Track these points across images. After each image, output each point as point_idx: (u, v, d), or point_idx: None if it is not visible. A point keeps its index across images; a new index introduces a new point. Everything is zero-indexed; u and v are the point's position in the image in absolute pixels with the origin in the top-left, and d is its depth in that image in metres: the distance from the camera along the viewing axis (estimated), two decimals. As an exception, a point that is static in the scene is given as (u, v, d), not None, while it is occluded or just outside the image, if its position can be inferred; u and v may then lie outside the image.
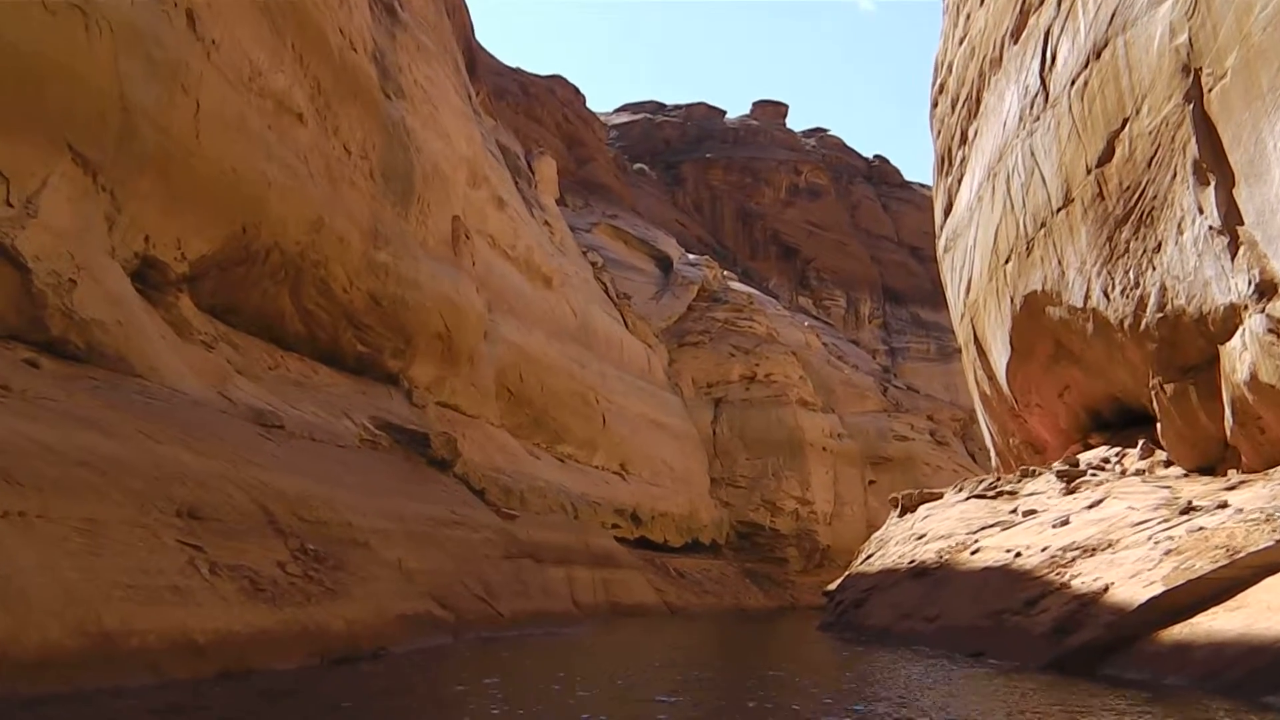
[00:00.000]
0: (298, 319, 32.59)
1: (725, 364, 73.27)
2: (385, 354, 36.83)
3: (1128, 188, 23.31)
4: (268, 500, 19.46)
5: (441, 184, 41.12)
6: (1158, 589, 16.60)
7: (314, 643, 16.52)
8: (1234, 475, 22.01)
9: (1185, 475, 24.29)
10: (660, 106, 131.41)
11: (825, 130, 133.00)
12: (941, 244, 41.52)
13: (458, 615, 24.17)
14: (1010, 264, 30.51)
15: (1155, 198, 22.30)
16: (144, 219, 24.06)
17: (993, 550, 24.17)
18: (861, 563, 34.85)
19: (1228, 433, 21.71)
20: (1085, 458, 28.59)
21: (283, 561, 17.87)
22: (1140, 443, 26.86)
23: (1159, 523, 19.83)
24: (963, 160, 37.19)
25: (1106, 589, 17.85)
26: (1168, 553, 17.89)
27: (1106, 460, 27.59)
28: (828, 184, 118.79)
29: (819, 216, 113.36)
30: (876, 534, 37.15)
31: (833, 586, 37.06)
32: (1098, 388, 29.11)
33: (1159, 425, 24.91)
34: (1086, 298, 25.85)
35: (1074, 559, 20.36)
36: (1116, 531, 20.61)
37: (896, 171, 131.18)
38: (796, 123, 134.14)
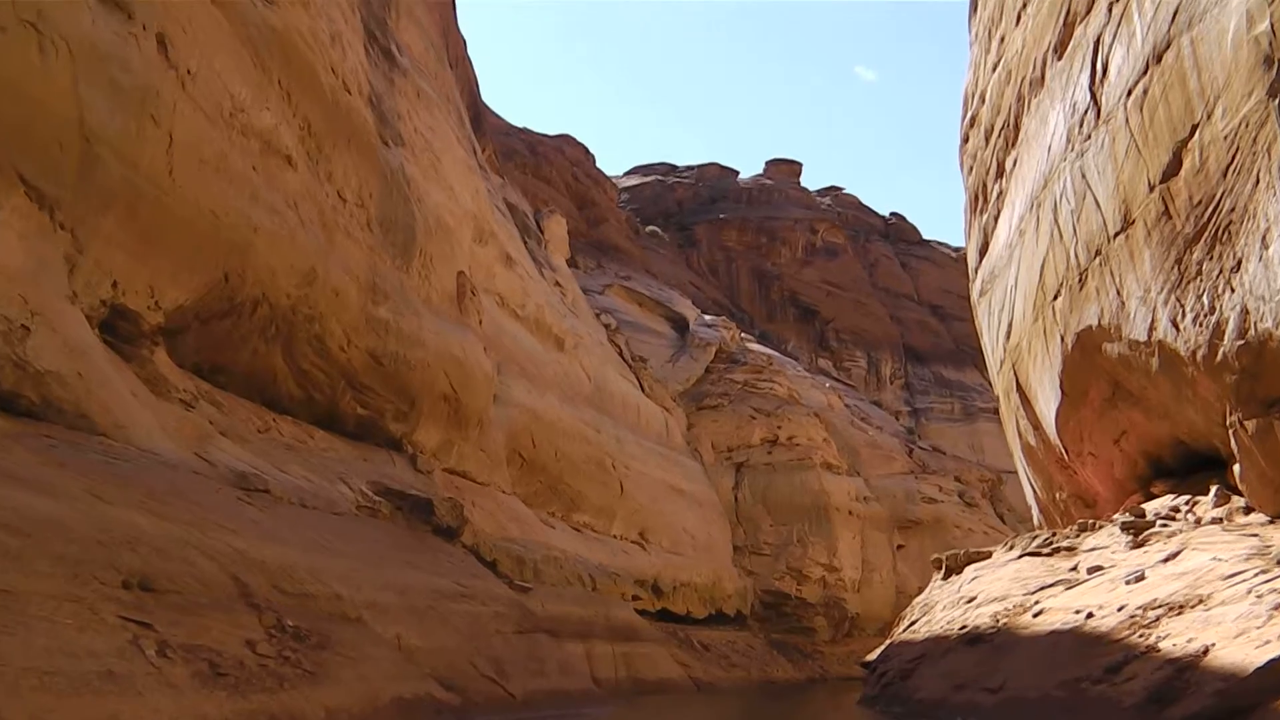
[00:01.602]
0: (292, 380, 30.45)
1: (746, 427, 70.88)
2: (387, 417, 34.50)
3: (1199, 202, 20.98)
4: (241, 570, 17.14)
5: (445, 237, 39.02)
6: (1276, 650, 14.13)
7: (287, 735, 14.06)
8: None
9: (1270, 522, 21.85)
10: (672, 168, 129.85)
11: (840, 189, 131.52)
12: (977, 288, 39.15)
13: (464, 698, 21.80)
14: (1060, 300, 28.13)
15: (1233, 210, 19.96)
16: (110, 262, 21.84)
17: (1058, 612, 21.81)
18: (905, 630, 32.24)
19: (1324, 472, 19.30)
20: (1151, 507, 26.09)
21: (253, 640, 15.44)
22: (1214, 488, 24.38)
23: (1255, 575, 17.48)
24: (999, 195, 34.91)
25: (1206, 651, 15.47)
26: (1276, 608, 15.48)
27: (1176, 509, 25.09)
28: (845, 243, 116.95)
29: (837, 276, 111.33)
30: (919, 599, 34.53)
31: (873, 656, 34.43)
32: (1161, 431, 26.64)
33: (1236, 468, 22.48)
34: (1151, 329, 23.41)
35: (1158, 618, 17.99)
36: (1205, 586, 18.26)
37: (914, 229, 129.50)
38: (810, 182, 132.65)
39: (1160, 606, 18.35)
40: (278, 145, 27.45)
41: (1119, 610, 19.30)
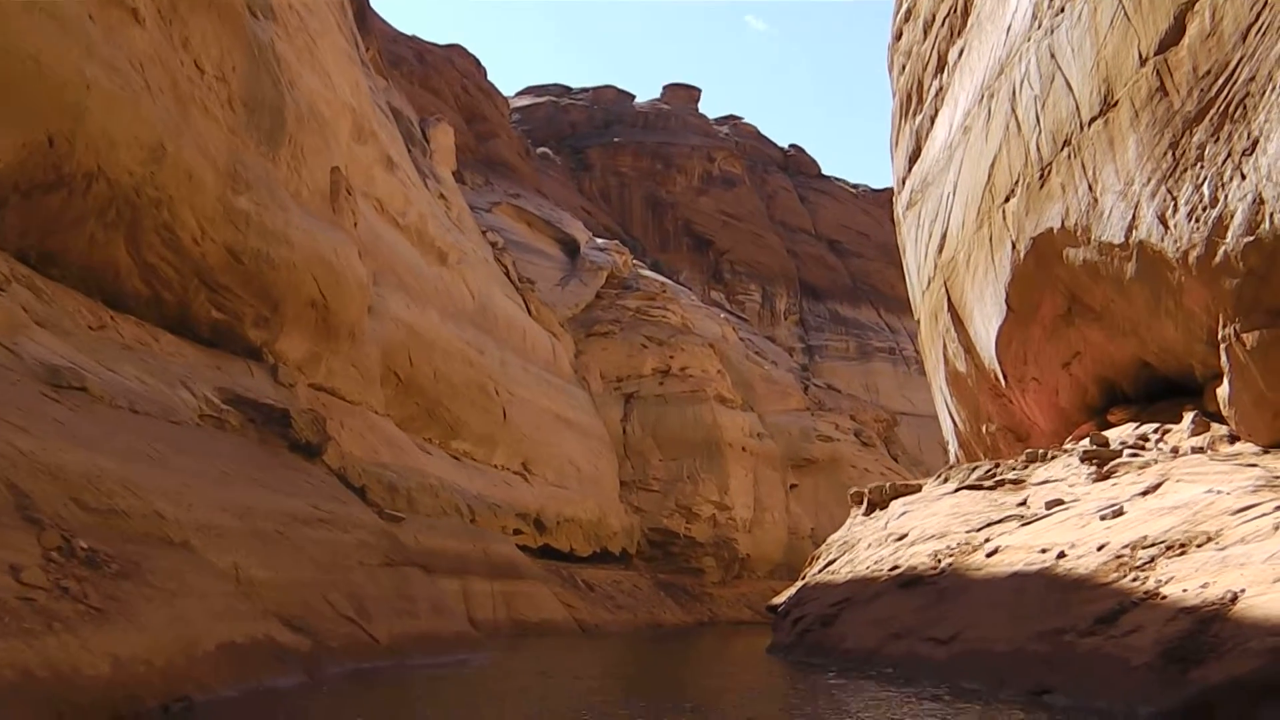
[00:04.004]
0: (137, 275, 26.38)
1: (637, 356, 67.65)
2: (246, 322, 30.39)
3: (1207, 73, 17.84)
4: (23, 476, 13.52)
5: (319, 128, 34.85)
6: (1349, 598, 11.36)
7: (48, 694, 10.30)
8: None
9: (1265, 451, 18.93)
10: (566, 89, 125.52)
11: (739, 118, 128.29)
12: (904, 199, 36.02)
13: (316, 641, 18.18)
14: (1014, 201, 24.96)
15: (1252, 79, 16.83)
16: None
17: (1019, 551, 18.95)
18: (820, 570, 29.09)
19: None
20: (1114, 435, 23.10)
21: (19, 566, 11.66)
22: (1189, 415, 21.43)
23: (1274, 509, 14.60)
24: (938, 92, 31.68)
25: (1235, 599, 12.66)
26: None
27: (1145, 438, 22.16)
28: (742, 173, 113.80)
29: (733, 206, 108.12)
30: (836, 535, 31.41)
31: (780, 600, 31.33)
32: (1123, 352, 23.68)
33: (1221, 391, 19.61)
34: (1130, 228, 20.29)
35: (1153, 559, 15.16)
36: (1209, 522, 15.43)
37: (814, 162, 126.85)
38: (708, 112, 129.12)
39: (1153, 545, 15.58)
40: (121, -5, 23.40)
41: (1099, 550, 16.54)
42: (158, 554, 15.05)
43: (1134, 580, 14.81)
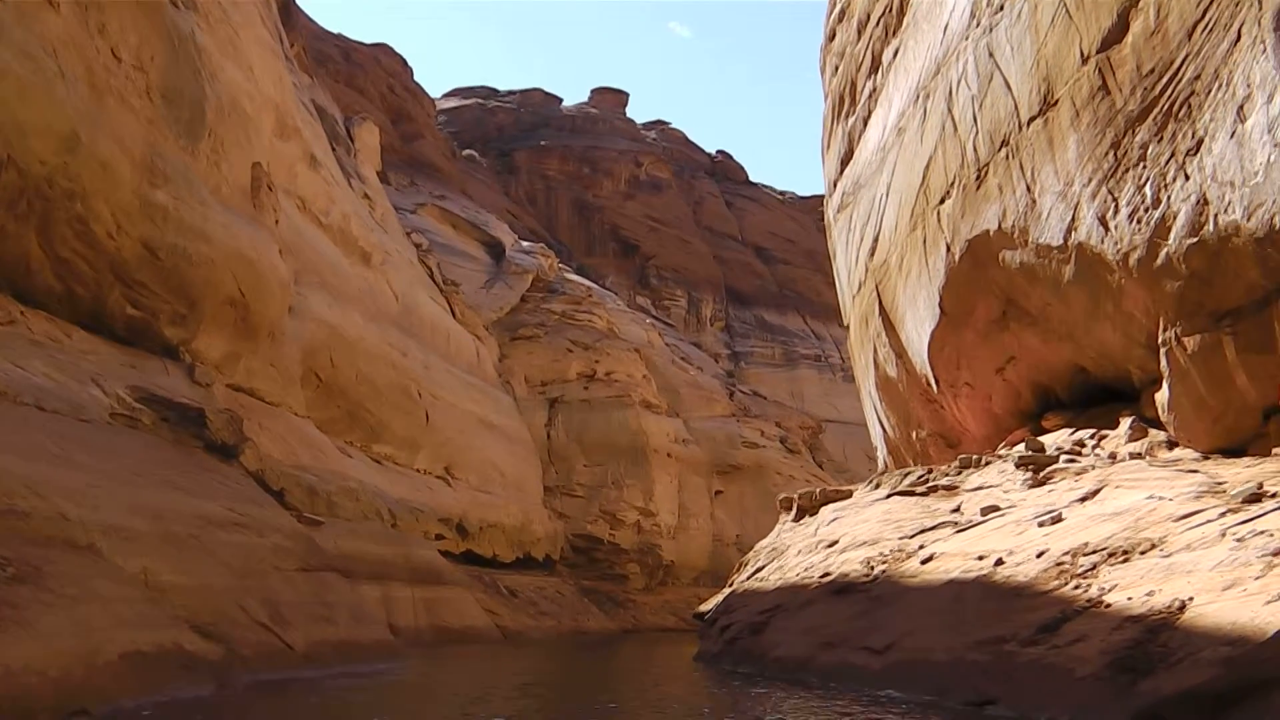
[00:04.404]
0: (49, 270, 25.51)
1: (562, 360, 67.13)
2: (163, 320, 29.43)
3: (1151, 71, 17.54)
4: None
5: (241, 122, 33.87)
6: (1299, 606, 11.13)
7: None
8: (1293, 455, 16.49)
9: (1205, 457, 18.64)
10: (493, 92, 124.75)
11: (667, 123, 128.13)
12: (835, 202, 35.61)
13: (228, 649, 17.48)
14: (949, 203, 24.61)
15: (1198, 78, 16.52)
16: None
17: (954, 558, 18.56)
18: (749, 577, 28.56)
19: (1293, 396, 16.03)
20: (1050, 441, 22.77)
21: (-98, 568, 10.83)
22: (1127, 420, 21.16)
23: (1221, 515, 14.41)
24: (872, 93, 31.30)
25: (1183, 607, 12.31)
26: (1275, 554, 12.41)
27: (1081, 444, 21.93)
28: (670, 178, 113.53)
29: (660, 211, 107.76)
30: (764, 542, 30.89)
31: (708, 607, 30.74)
32: (1059, 357, 23.42)
33: (1160, 396, 19.37)
34: (1070, 230, 20.00)
35: (1094, 566, 14.83)
36: (1152, 529, 15.11)
37: (741, 168, 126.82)
38: (636, 117, 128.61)
39: (1095, 552, 15.23)
40: (33, -24, 22.55)
41: (1038, 557, 16.18)
42: (61, 557, 14.31)
43: (1076, 588, 14.45)
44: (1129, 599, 13.22)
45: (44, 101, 23.06)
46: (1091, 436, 21.90)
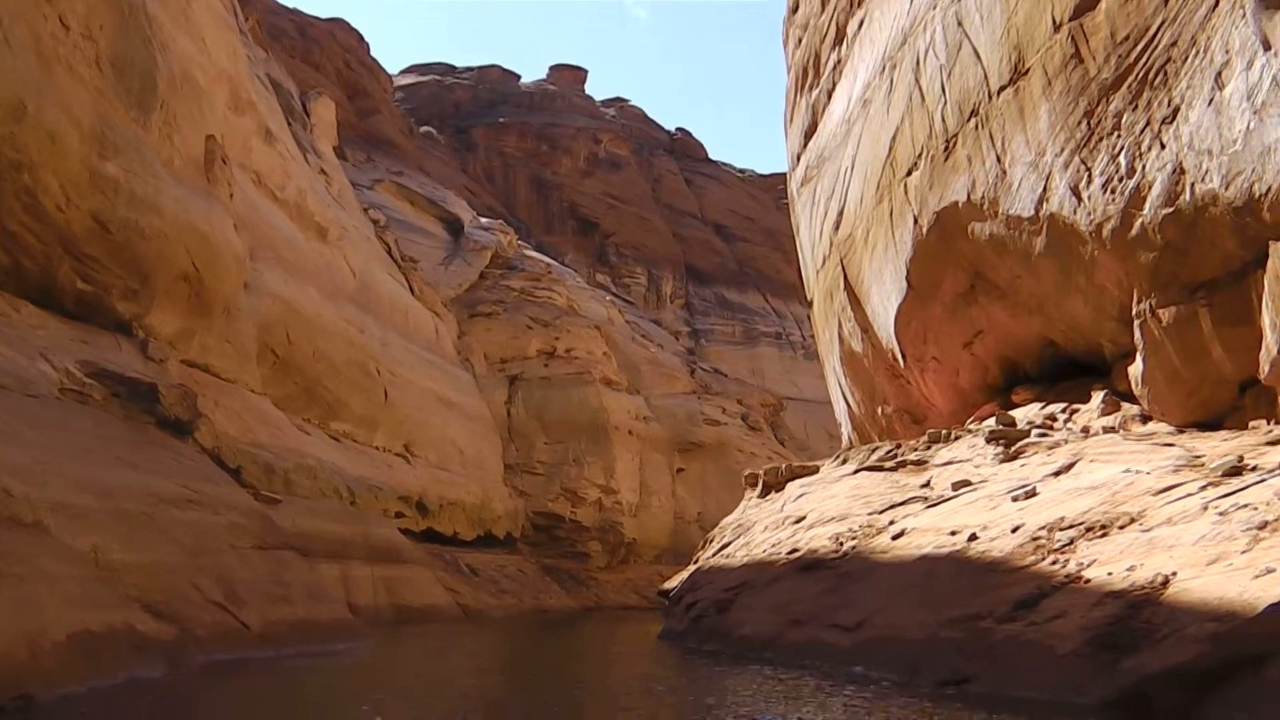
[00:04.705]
0: (-3, 243, 24.62)
1: (522, 337, 66.58)
2: (114, 295, 28.70)
3: (1125, 38, 17.23)
4: None
5: (194, 95, 33.12)
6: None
7: None
8: (1268, 427, 16.16)
9: (1179, 431, 18.41)
10: (450, 68, 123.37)
11: (626, 100, 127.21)
12: (798, 176, 35.23)
13: (181, 629, 16.99)
14: (916, 175, 24.28)
15: (1174, 45, 16.22)
16: None
17: (926, 533, 18.32)
18: (714, 554, 28.22)
19: (1266, 368, 15.76)
20: (1021, 415, 22.50)
21: None
22: (1099, 394, 20.91)
23: (1201, 489, 14.17)
24: (836, 65, 30.91)
25: (1166, 582, 12.10)
26: (1260, 527, 12.22)
27: (1053, 418, 21.67)
28: (629, 155, 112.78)
29: (619, 189, 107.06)
30: (730, 518, 30.58)
31: (672, 584, 30.49)
32: (1027, 330, 23.15)
33: (1134, 369, 19.12)
34: (1041, 201, 19.70)
35: (1071, 541, 14.60)
36: (1130, 503, 14.87)
37: (700, 145, 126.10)
38: (595, 95, 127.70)
39: (1072, 526, 14.98)
40: (-27, -63, 21.83)
41: (1013, 531, 15.95)
42: (4, 535, 13.80)
43: (1053, 563, 14.22)
44: (1109, 574, 12.99)
45: (-12, 69, 22.45)
46: (1063, 411, 21.66)
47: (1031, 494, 17.02)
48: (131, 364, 27.62)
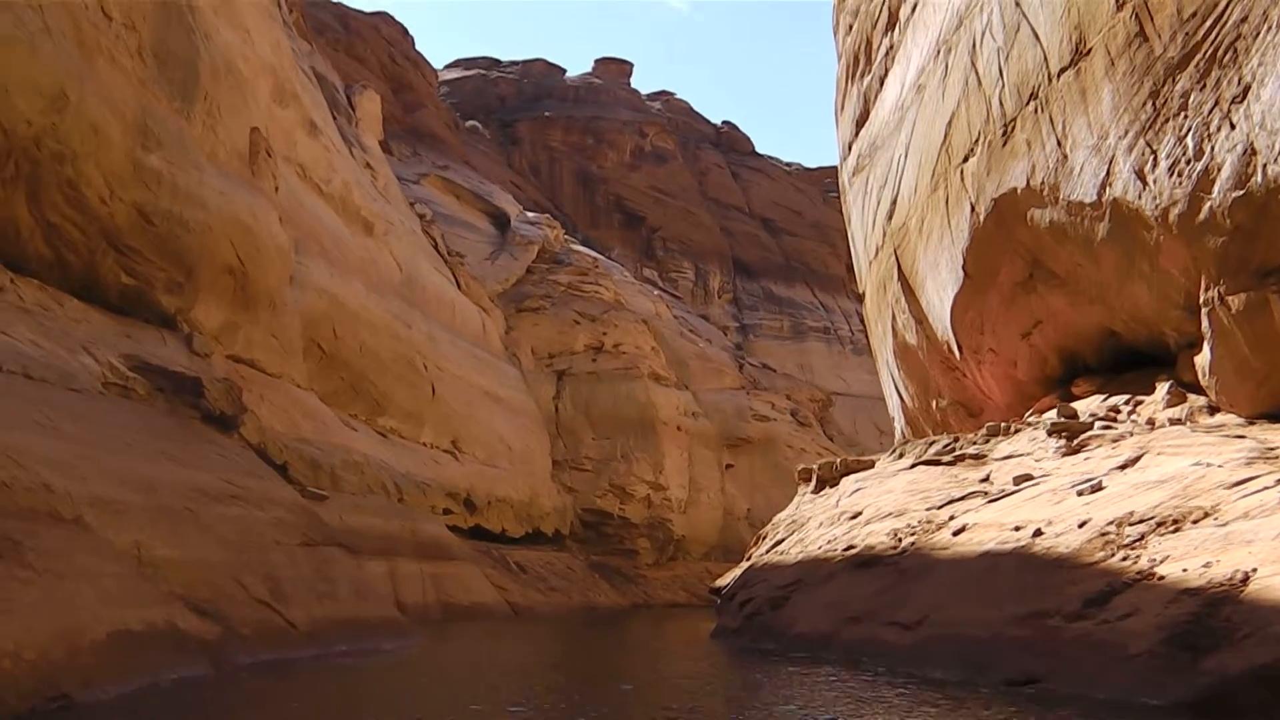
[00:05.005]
0: (40, 236, 24.52)
1: (569, 332, 66.19)
2: (158, 288, 28.48)
3: (1193, 15, 16.60)
4: None
5: (237, 86, 32.94)
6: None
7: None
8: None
9: (1250, 422, 17.77)
10: (495, 62, 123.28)
11: (671, 93, 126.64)
12: (849, 166, 34.61)
13: (226, 627, 16.64)
14: (973, 161, 23.65)
15: (1245, 20, 15.59)
16: None
17: (989, 529, 17.58)
18: (767, 551, 27.75)
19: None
20: (1083, 408, 21.83)
21: None
22: (1164, 385, 20.22)
23: (1275, 481, 13.44)
24: (889, 50, 30.30)
25: (1246, 579, 11.45)
26: None
27: (1116, 410, 20.95)
28: (675, 149, 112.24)
29: (665, 183, 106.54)
30: (783, 514, 30.08)
31: (725, 581, 29.99)
32: (1088, 320, 22.49)
33: (1201, 359, 18.44)
34: (1104, 186, 19.02)
35: (1142, 536, 13.89)
36: (1203, 496, 14.19)
37: (746, 139, 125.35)
38: (640, 88, 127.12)
39: (1142, 521, 14.25)
40: (15, -72, 21.63)
41: (1080, 526, 15.19)
42: (43, 531, 13.46)
43: (1124, 559, 13.61)
44: (1184, 570, 12.40)
45: (28, 59, 22.09)
46: (1126, 402, 20.99)
47: (1098, 488, 16.40)
48: (176, 358, 27.39)
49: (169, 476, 19.27)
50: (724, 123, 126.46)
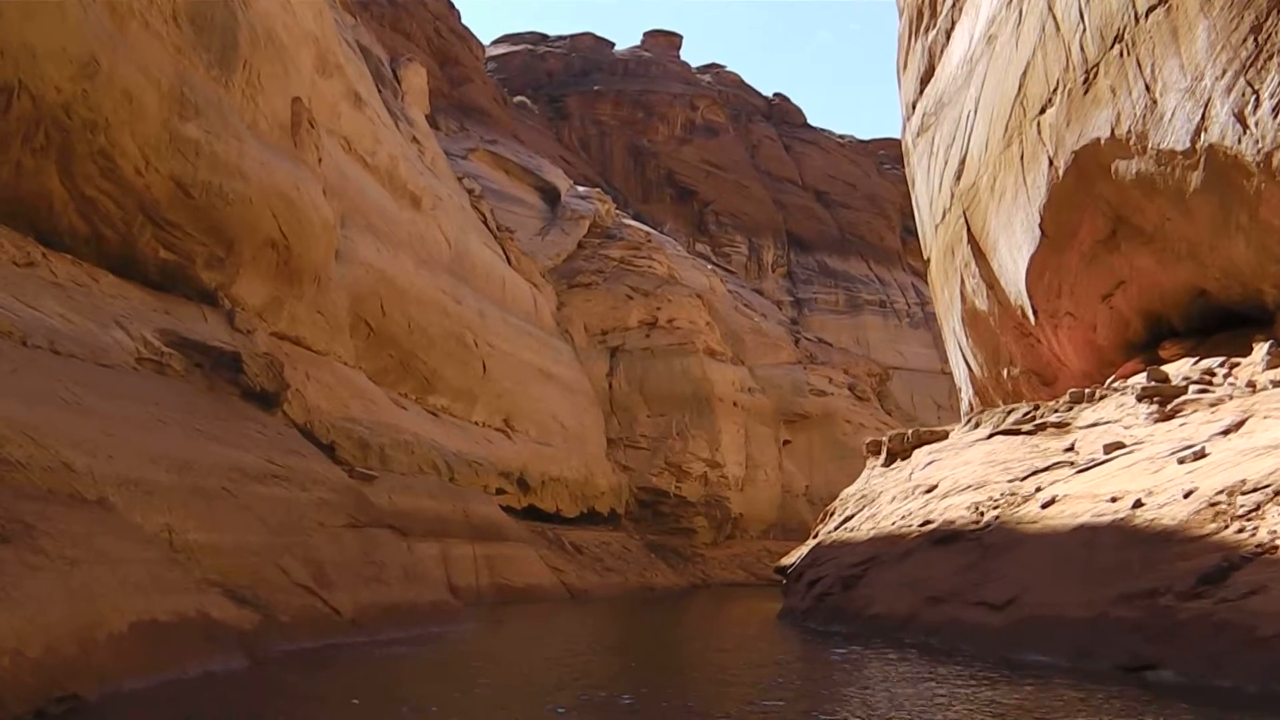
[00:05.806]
0: (74, 209, 23.49)
1: (622, 307, 64.96)
2: (198, 263, 27.48)
3: (1303, -64, 15.10)
4: None
5: (278, 54, 31.80)
6: None
7: None
8: None
9: (1357, 387, 16.43)
10: (543, 37, 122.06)
11: (722, 66, 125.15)
12: (914, 125, 33.22)
13: (265, 616, 15.65)
14: (1052, 111, 22.28)
15: (1364, -61, 14.09)
16: None
17: (1081, 500, 16.32)
18: (836, 528, 26.52)
19: None
20: (1173, 371, 20.44)
21: None
22: (1263, 346, 18.85)
23: None
24: (955, 1, 28.80)
25: None
26: None
27: (1211, 373, 19.50)
28: (726, 122, 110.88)
29: (717, 156, 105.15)
30: (850, 489, 28.83)
31: (790, 560, 28.79)
32: (1176, 279, 21.11)
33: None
34: (1199, 131, 17.65)
35: (1259, 506, 12.62)
36: None
37: (799, 111, 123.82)
38: (689, 60, 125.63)
39: (1257, 490, 12.92)
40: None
41: (1185, 497, 13.86)
42: (60, 514, 12.40)
43: (1239, 531, 12.37)
44: (1309, 544, 11.18)
45: (55, 23, 21.01)
46: (1220, 365, 19.60)
47: (1200, 455, 15.10)
48: (217, 335, 26.40)
49: (205, 455, 18.24)
50: (776, 94, 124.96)
